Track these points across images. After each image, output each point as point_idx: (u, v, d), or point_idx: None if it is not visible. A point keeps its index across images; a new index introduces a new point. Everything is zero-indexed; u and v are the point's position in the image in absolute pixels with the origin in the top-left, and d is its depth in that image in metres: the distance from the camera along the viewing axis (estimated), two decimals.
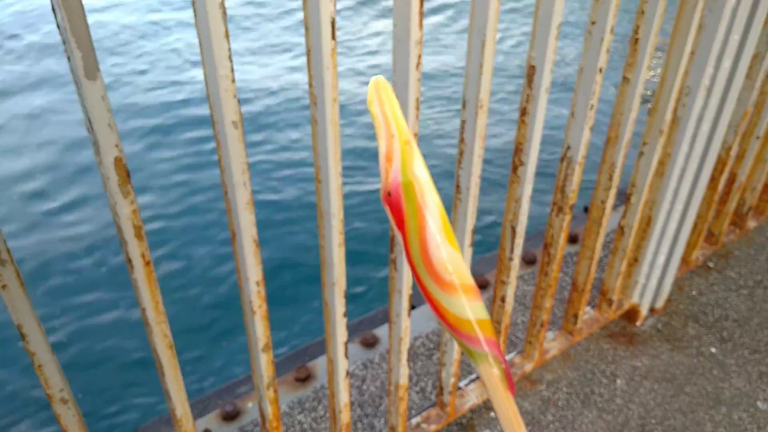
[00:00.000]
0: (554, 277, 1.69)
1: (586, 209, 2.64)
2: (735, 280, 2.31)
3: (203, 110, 5.53)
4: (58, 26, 0.78)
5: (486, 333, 0.34)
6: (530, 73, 1.28)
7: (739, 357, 2.00)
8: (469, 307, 0.34)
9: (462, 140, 1.25)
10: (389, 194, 0.33)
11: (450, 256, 0.33)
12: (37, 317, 0.94)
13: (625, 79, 1.50)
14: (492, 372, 0.35)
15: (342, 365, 1.36)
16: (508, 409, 0.35)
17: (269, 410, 1.31)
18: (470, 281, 0.34)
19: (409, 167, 0.33)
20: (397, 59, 1.05)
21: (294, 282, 3.85)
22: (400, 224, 0.33)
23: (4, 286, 0.89)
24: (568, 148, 1.48)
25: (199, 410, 1.77)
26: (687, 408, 1.83)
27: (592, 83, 1.37)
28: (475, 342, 0.34)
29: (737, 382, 1.91)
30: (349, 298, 1.30)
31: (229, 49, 0.86)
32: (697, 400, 1.86)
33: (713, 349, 2.03)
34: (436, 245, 0.33)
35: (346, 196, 4.26)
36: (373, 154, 5.09)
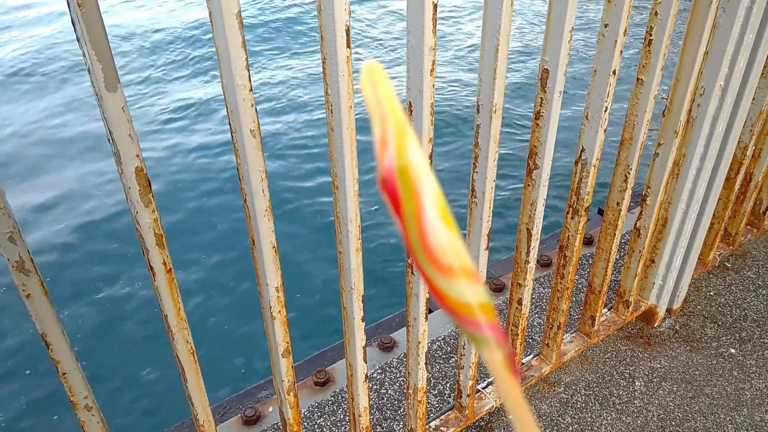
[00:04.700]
0: (570, 280, 1.69)
1: (600, 211, 2.63)
2: (753, 280, 2.29)
3: None
4: (78, 39, 0.80)
5: (488, 317, 0.34)
6: (543, 77, 1.28)
7: (760, 357, 1.99)
8: (470, 291, 0.33)
9: (477, 144, 1.26)
10: (385, 180, 0.32)
11: (448, 239, 0.33)
12: (61, 326, 0.96)
13: (639, 81, 1.50)
14: (495, 356, 0.34)
15: (361, 369, 1.36)
16: (512, 393, 0.35)
17: (290, 414, 1.32)
18: (470, 265, 0.33)
19: (403, 152, 0.32)
20: (411, 65, 1.06)
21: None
22: (398, 210, 0.33)
23: (28, 296, 0.91)
24: (583, 150, 1.49)
25: (220, 415, 1.79)
26: (707, 409, 1.82)
27: (606, 85, 1.37)
28: (476, 326, 0.34)
29: (758, 383, 1.90)
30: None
31: (247, 59, 0.88)
32: (718, 402, 1.85)
33: (732, 350, 2.02)
34: (433, 229, 0.32)
35: None
36: None
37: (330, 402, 1.82)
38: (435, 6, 0.99)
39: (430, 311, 1.43)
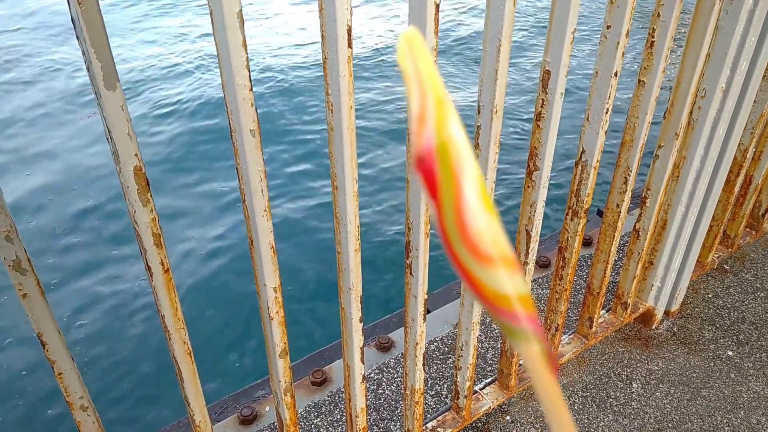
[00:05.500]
0: (569, 281, 1.69)
1: (599, 212, 2.63)
2: (751, 282, 2.29)
3: None
4: (77, 37, 0.79)
5: (526, 309, 0.32)
6: (545, 78, 1.27)
7: (757, 360, 1.99)
8: (509, 281, 0.31)
9: (477, 146, 1.25)
10: (422, 159, 0.30)
11: (488, 225, 0.30)
12: (57, 326, 0.95)
13: (641, 83, 1.49)
14: (533, 351, 0.32)
15: (358, 370, 1.36)
16: (550, 390, 0.33)
17: (287, 415, 1.31)
18: (509, 253, 0.31)
19: (443, 128, 0.30)
20: None
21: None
22: (433, 192, 0.30)
23: (24, 295, 0.90)
24: (583, 152, 1.48)
25: (216, 414, 1.78)
26: (704, 412, 1.82)
27: (607, 87, 1.36)
28: (514, 319, 0.32)
29: (755, 386, 1.90)
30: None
31: (247, 58, 0.87)
32: (715, 404, 1.85)
33: (730, 352, 2.02)
34: (473, 213, 0.30)
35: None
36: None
37: (327, 402, 1.81)
38: (437, 6, 0.98)
39: (428, 312, 1.43)
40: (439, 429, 1.70)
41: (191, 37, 7.84)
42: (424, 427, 1.69)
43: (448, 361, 1.97)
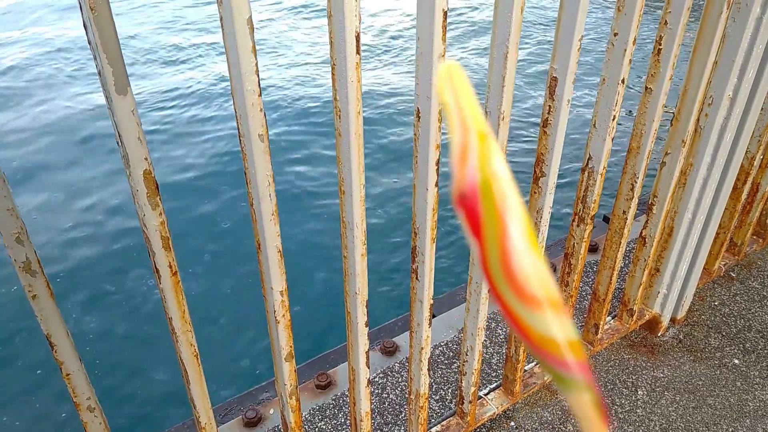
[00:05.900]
0: (575, 288, 1.69)
1: (605, 218, 2.63)
2: (758, 290, 2.29)
3: None
4: (89, 42, 0.80)
5: (575, 355, 0.30)
6: (552, 85, 1.28)
7: (763, 369, 1.98)
8: (557, 325, 0.30)
9: None
10: (464, 196, 0.29)
11: (535, 266, 0.30)
12: (66, 327, 0.96)
13: (648, 90, 1.50)
14: (583, 400, 0.31)
15: (363, 374, 1.36)
16: None
17: (292, 418, 1.32)
18: (557, 296, 0.30)
19: (487, 164, 0.29)
20: (421, 73, 1.06)
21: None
22: (476, 230, 0.29)
23: (34, 297, 0.91)
24: (590, 158, 1.48)
25: (221, 416, 1.79)
26: (710, 420, 1.82)
27: (614, 94, 1.37)
28: (562, 365, 0.31)
29: (761, 394, 1.89)
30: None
31: (256, 64, 0.88)
32: (720, 412, 1.84)
33: (736, 361, 2.01)
34: (518, 254, 0.29)
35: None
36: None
37: (331, 405, 1.82)
38: (445, 14, 0.99)
39: (433, 316, 1.43)
40: None
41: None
42: None
43: (453, 366, 1.97)
